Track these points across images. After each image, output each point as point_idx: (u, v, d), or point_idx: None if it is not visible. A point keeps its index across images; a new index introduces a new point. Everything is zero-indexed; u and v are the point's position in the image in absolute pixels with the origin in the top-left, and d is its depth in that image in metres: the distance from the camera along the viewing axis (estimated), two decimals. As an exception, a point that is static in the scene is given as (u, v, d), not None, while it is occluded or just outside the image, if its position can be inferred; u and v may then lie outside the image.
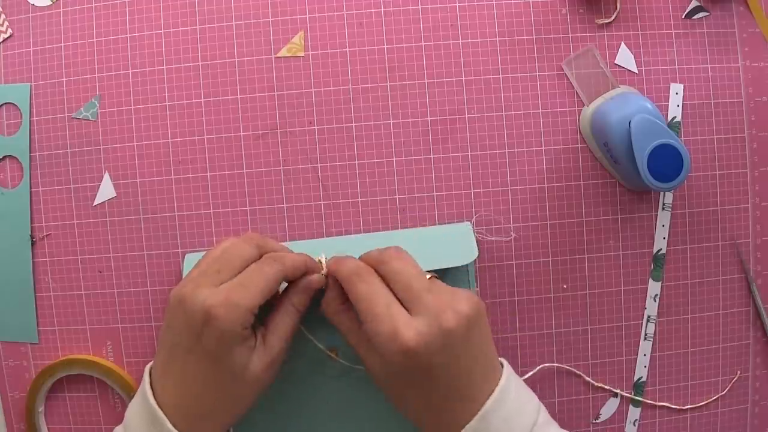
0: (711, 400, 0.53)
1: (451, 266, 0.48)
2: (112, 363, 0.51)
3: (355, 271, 0.42)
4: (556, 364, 0.52)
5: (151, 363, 0.43)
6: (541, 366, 0.51)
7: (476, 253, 0.48)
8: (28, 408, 0.51)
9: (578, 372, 0.52)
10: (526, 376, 0.50)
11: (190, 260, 0.49)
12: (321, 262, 0.45)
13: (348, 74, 0.52)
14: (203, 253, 0.48)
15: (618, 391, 0.52)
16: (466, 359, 0.39)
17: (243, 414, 0.42)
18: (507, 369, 0.42)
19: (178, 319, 0.40)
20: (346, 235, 0.51)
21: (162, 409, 0.40)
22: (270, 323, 0.43)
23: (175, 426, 0.39)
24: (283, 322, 0.43)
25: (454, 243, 0.49)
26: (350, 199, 0.52)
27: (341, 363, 0.47)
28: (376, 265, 0.42)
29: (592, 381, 0.52)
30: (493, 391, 0.40)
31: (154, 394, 0.41)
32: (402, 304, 0.40)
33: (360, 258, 0.44)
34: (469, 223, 0.51)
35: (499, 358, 0.43)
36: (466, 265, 0.49)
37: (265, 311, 0.43)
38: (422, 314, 0.39)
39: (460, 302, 0.39)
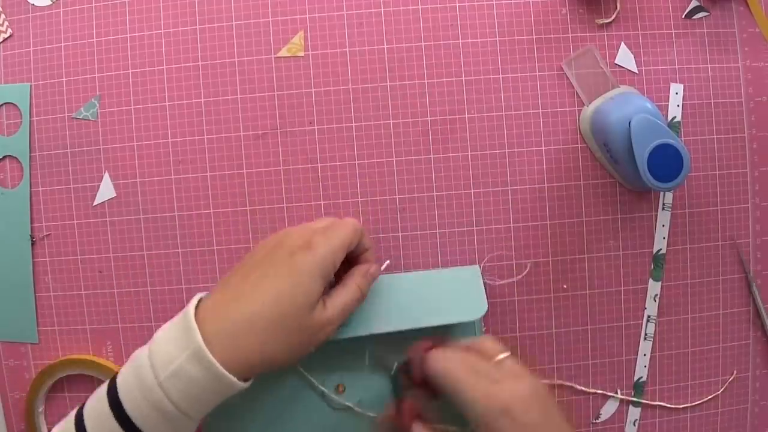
0: (707, 399, 0.53)
1: (460, 321, 0.47)
2: (112, 363, 0.51)
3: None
4: (557, 381, 0.52)
5: (200, 295, 0.42)
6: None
7: (486, 307, 0.48)
8: (28, 408, 0.51)
9: (570, 384, 0.52)
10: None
11: None
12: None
13: (348, 74, 0.52)
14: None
15: (618, 391, 0.52)
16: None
17: (285, 362, 0.41)
18: None
19: (271, 242, 0.43)
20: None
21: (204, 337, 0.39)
22: (333, 293, 0.43)
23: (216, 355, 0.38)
24: (344, 296, 0.44)
25: (463, 293, 0.48)
26: (350, 199, 0.52)
27: (346, 399, 0.49)
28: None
29: (582, 388, 0.52)
30: None
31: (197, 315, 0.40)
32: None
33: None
34: (478, 267, 0.50)
35: None
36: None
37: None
38: (510, 377, 0.40)
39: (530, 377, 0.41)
